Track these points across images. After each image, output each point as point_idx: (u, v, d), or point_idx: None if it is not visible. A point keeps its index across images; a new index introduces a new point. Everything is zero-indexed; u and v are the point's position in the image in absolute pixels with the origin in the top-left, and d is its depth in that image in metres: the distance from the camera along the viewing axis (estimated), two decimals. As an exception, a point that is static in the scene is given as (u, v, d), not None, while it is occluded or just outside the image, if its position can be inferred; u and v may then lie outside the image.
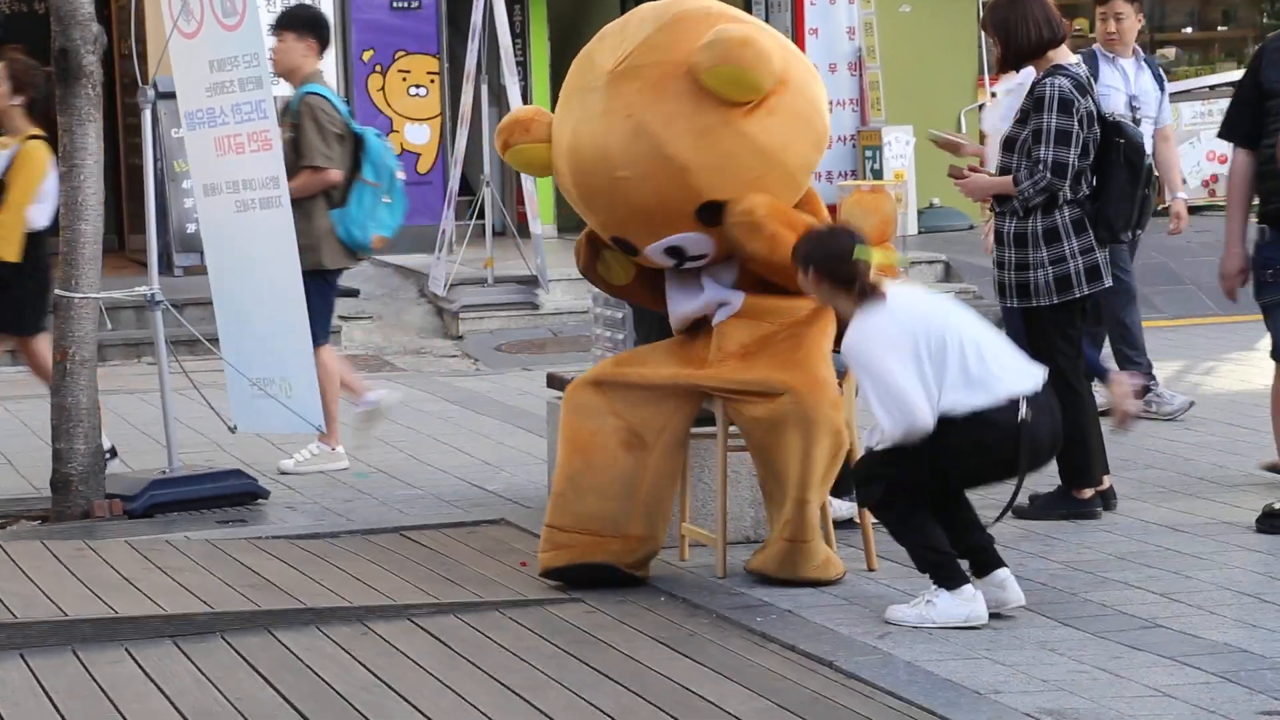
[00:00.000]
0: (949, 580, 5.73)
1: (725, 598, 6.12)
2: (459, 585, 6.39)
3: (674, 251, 6.30)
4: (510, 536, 7.10)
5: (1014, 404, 5.66)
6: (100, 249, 7.76)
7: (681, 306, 6.44)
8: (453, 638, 5.84)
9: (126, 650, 5.76)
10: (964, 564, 5.80)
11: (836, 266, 5.79)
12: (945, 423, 5.65)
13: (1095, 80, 8.43)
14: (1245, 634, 5.58)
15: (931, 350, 5.66)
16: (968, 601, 5.71)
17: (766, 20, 11.44)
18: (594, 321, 7.74)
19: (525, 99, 15.15)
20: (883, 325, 5.71)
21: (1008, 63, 7.08)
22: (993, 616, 5.77)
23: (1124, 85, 8.98)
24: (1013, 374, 5.72)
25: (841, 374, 6.33)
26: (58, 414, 7.61)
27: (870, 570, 6.35)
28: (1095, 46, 9.17)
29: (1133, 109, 8.87)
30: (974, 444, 5.69)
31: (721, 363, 6.27)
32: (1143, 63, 9.16)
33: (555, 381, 7.64)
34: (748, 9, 14.93)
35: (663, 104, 6.16)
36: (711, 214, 6.19)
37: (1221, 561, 6.41)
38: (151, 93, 7.93)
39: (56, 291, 7.72)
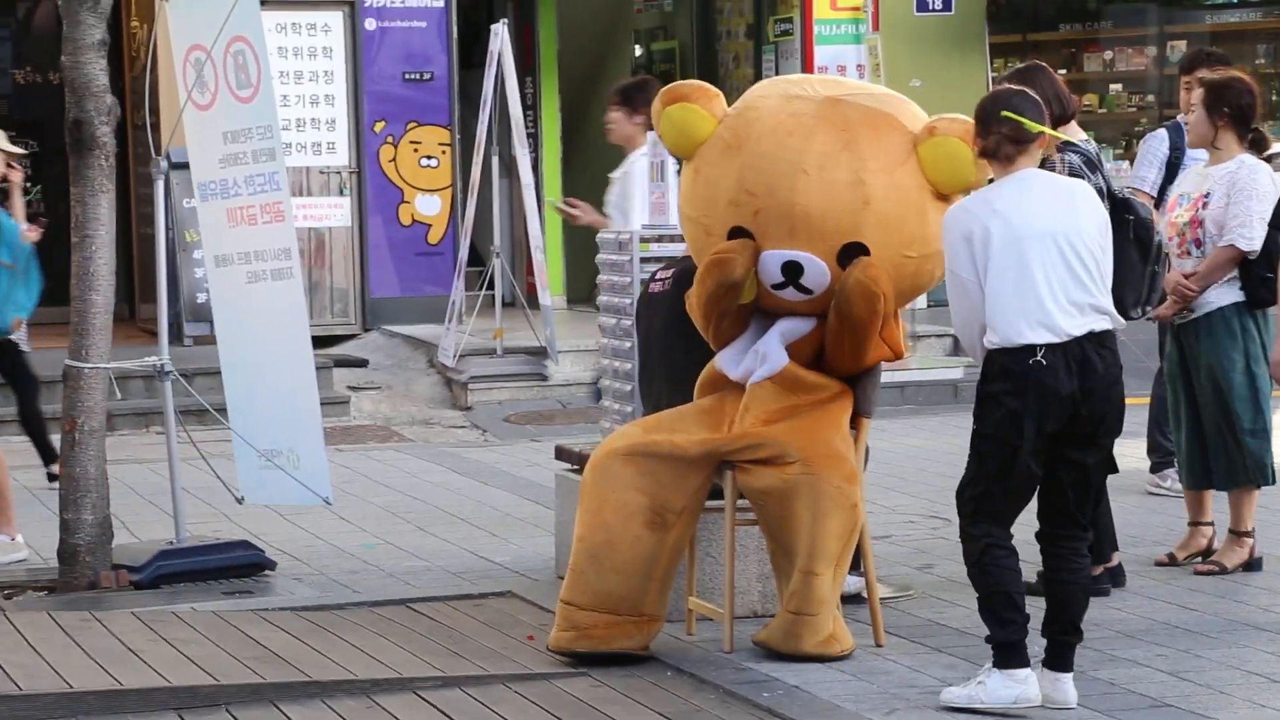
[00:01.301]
0: (1005, 659, 5.62)
1: (732, 672, 6.10)
2: (465, 659, 6.38)
3: (790, 268, 6.24)
4: (517, 609, 7.08)
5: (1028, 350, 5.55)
6: (110, 319, 7.78)
7: (728, 363, 6.38)
8: (458, 712, 5.82)
9: (131, 722, 5.75)
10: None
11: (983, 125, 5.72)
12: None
13: (1183, 153, 8.51)
14: (1253, 713, 5.55)
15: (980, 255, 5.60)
16: (1019, 683, 5.61)
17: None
18: (603, 394, 7.75)
19: (536, 170, 15.21)
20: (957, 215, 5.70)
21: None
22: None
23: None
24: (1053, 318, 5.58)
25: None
26: (66, 484, 7.62)
27: (878, 646, 6.33)
28: (1180, 118, 9.09)
29: None
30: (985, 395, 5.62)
31: (744, 425, 6.26)
32: None
33: (564, 454, 7.64)
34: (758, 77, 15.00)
35: (879, 139, 6.26)
36: (847, 259, 6.21)
37: (1230, 640, 6.39)
38: (164, 164, 7.97)
39: (67, 361, 7.74)
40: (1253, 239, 7.29)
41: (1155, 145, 8.71)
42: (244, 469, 8.12)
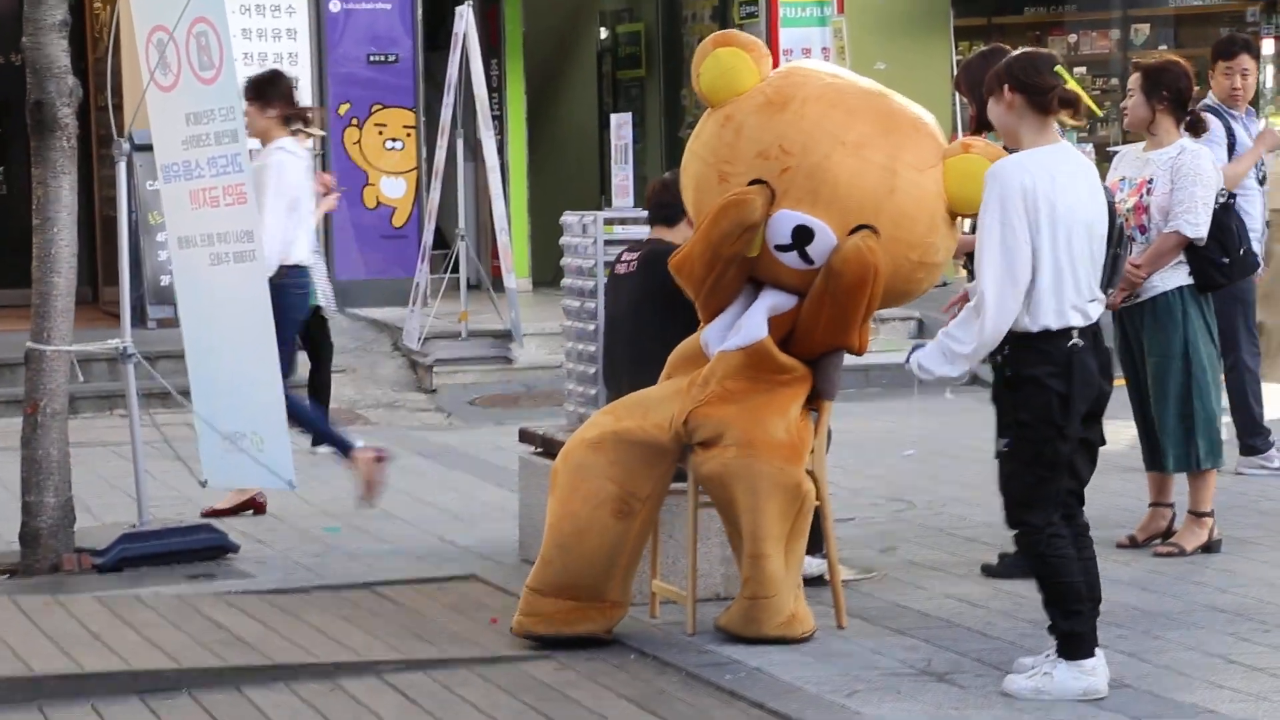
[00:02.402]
0: (1073, 650, 5.54)
1: (695, 655, 6.12)
2: (429, 642, 6.38)
3: (801, 233, 6.20)
4: (481, 593, 7.09)
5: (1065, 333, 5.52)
6: (73, 301, 7.75)
7: (713, 338, 6.37)
8: (422, 695, 5.82)
9: (93, 707, 5.73)
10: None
11: (1034, 78, 5.62)
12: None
13: (1232, 136, 8.53)
14: (1211, 694, 5.59)
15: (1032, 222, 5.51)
16: (1087, 674, 5.54)
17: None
18: (567, 376, 7.75)
19: (501, 153, 15.20)
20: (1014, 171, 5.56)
21: (983, 123, 7.13)
22: (957, 673, 5.77)
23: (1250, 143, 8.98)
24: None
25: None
26: (28, 467, 7.59)
27: (840, 628, 6.35)
28: (1215, 103, 9.04)
29: (1258, 167, 8.93)
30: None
31: (704, 389, 6.26)
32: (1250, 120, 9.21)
33: (531, 437, 7.64)
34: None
35: (917, 139, 6.32)
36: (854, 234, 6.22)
37: (1189, 622, 6.42)
38: (127, 145, 7.94)
39: (28, 344, 7.71)
40: (1198, 225, 7.32)
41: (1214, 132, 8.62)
42: (207, 451, 8.10)
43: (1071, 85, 5.68)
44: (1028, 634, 6.26)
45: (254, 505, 8.75)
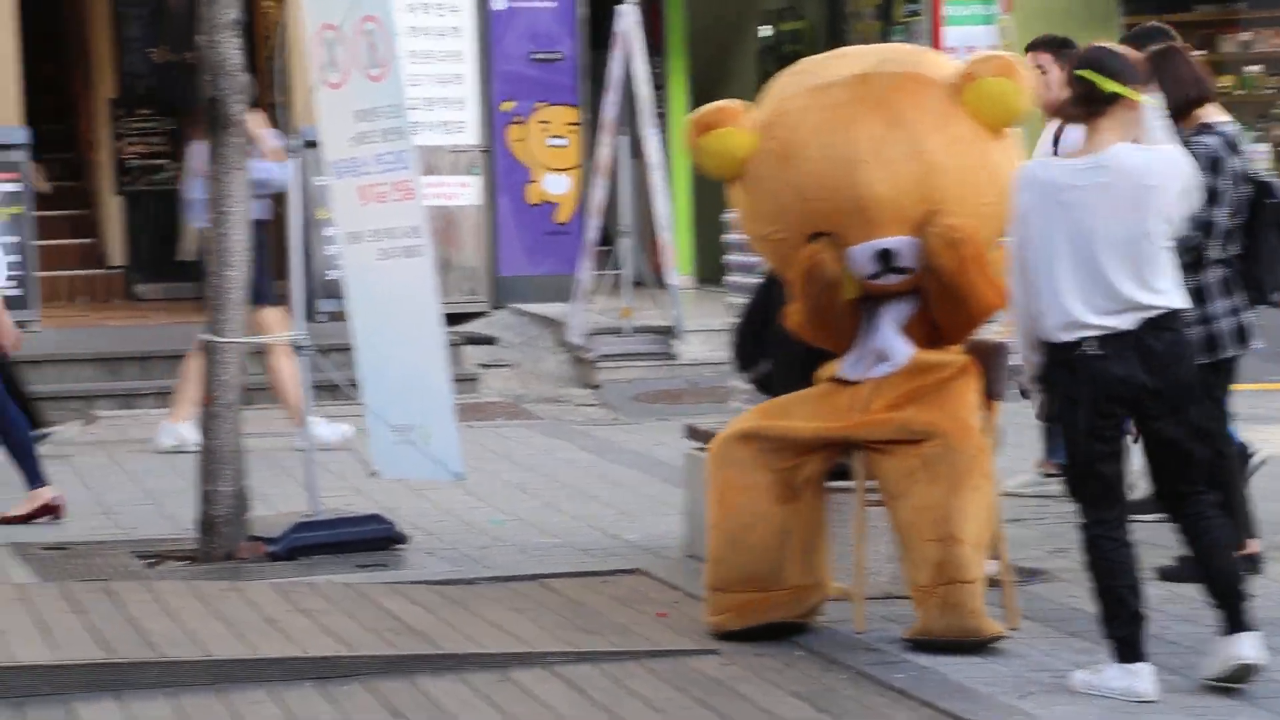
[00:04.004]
0: (1119, 653, 5.59)
1: (863, 653, 6.08)
2: (596, 634, 6.41)
3: (882, 256, 6.20)
4: (647, 587, 7.10)
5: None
6: (246, 295, 7.88)
7: (849, 369, 6.35)
8: (591, 687, 5.85)
9: (270, 691, 5.82)
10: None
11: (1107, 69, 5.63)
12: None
13: None
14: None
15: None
16: (1130, 676, 5.56)
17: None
18: (731, 373, 7.74)
19: (665, 151, 15.20)
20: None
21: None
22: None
23: None
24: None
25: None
26: (204, 457, 7.73)
27: (1013, 629, 6.28)
28: None
29: None
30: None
31: (868, 415, 6.23)
32: None
33: (696, 433, 7.65)
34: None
35: (919, 103, 6.21)
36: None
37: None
38: (297, 142, 8.05)
39: (203, 336, 7.85)
40: None
41: None
42: (377, 443, 8.19)
43: (1111, 87, 5.58)
44: (1205, 638, 6.16)
45: (50, 510, 8.48)
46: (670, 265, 13.18)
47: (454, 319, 13.27)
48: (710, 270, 15.23)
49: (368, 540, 7.86)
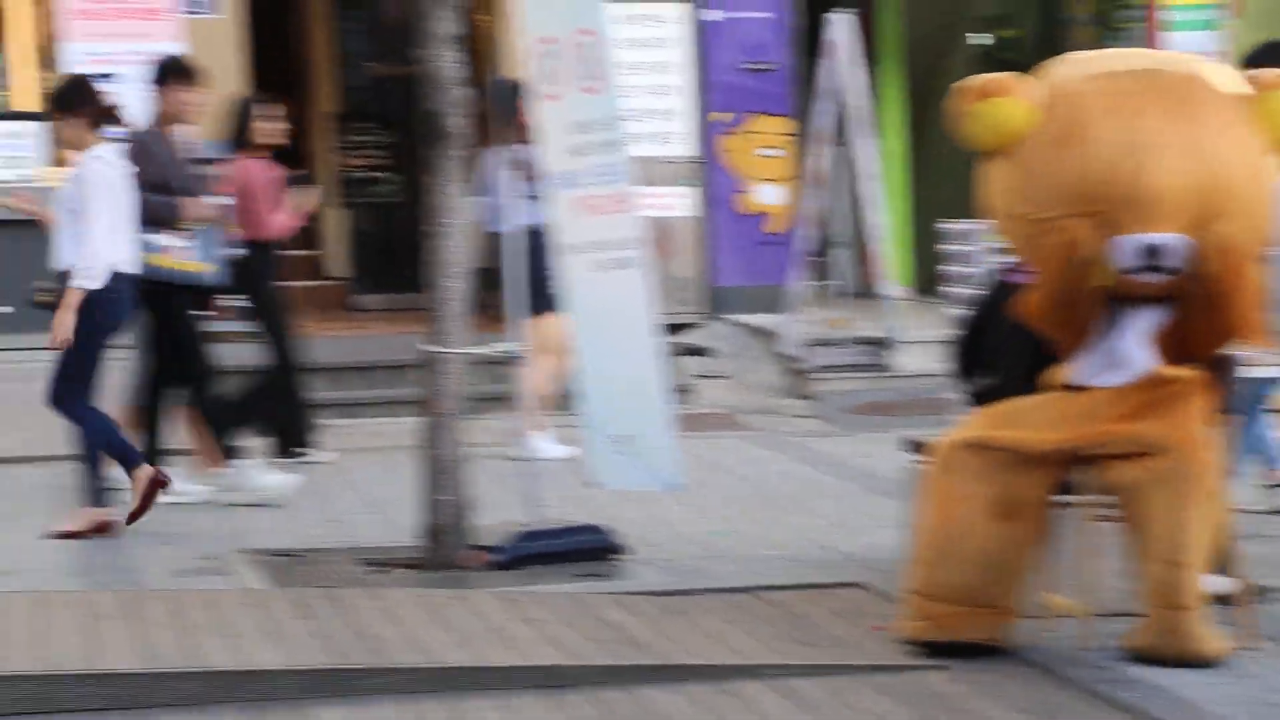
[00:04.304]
0: None
1: (1091, 670, 5.98)
2: (815, 647, 6.37)
3: (1150, 252, 6.07)
4: (866, 600, 7.04)
5: None
6: (466, 306, 7.97)
7: (1084, 373, 6.25)
8: (813, 701, 5.81)
9: (495, 699, 5.86)
10: None
11: None
12: None
13: None
14: None
15: None
16: None
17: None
18: (949, 385, 7.65)
19: (880, 161, 15.12)
20: None
21: None
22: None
23: None
24: None
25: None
26: (428, 466, 7.83)
27: (1250, 649, 6.12)
28: None
29: None
30: None
31: (1100, 425, 6.12)
32: None
33: (914, 446, 7.57)
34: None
35: (1209, 105, 6.12)
36: (1202, 229, 6.06)
37: None
38: (514, 154, 8.13)
39: (424, 347, 7.95)
40: None
41: None
42: (594, 453, 8.23)
43: None
44: None
45: (104, 527, 8.50)
46: (883, 276, 13.10)
47: (668, 329, 13.32)
48: (928, 281, 15.12)
49: (587, 550, 7.90)
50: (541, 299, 9.14)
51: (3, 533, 8.46)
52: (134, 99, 9.43)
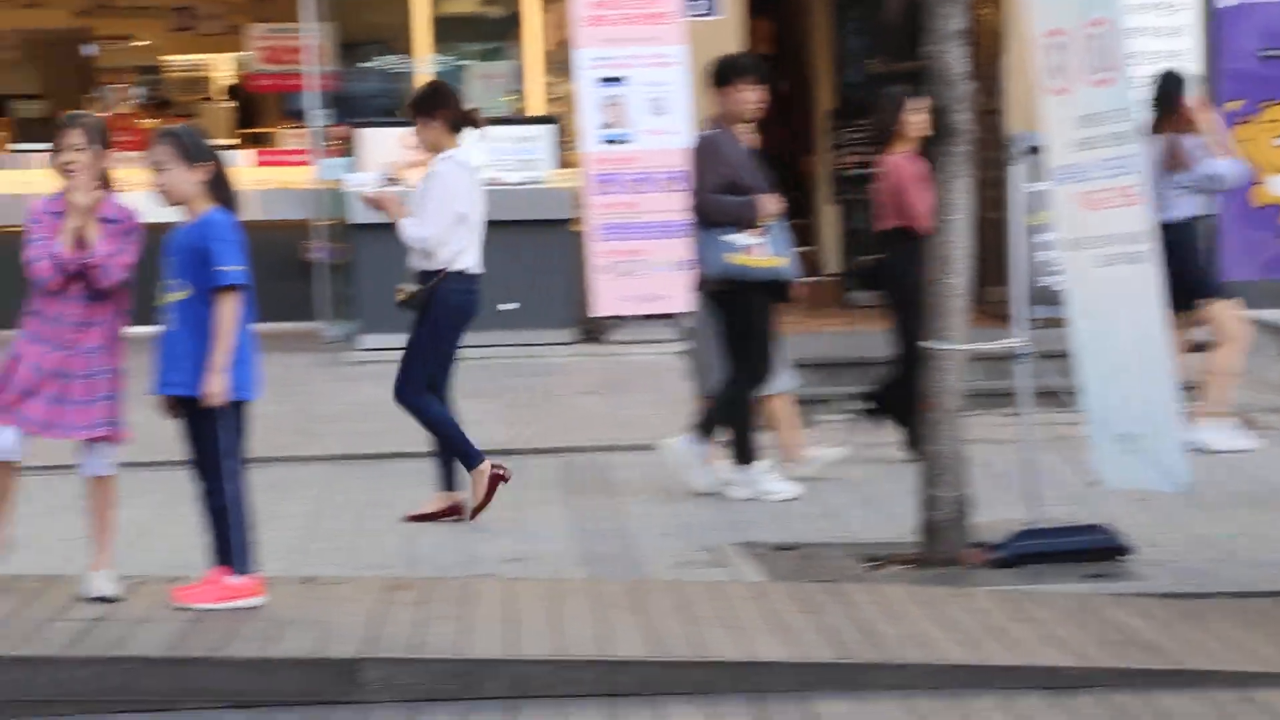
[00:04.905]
0: None
1: None
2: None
3: None
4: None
5: None
6: (967, 302, 7.90)
7: None
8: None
9: (998, 699, 5.78)
10: None
11: None
12: None
13: None
14: None
15: None
16: None
17: None
18: None
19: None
20: None
21: None
22: None
23: None
24: None
25: None
26: (927, 462, 7.79)
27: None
28: None
29: None
30: None
31: None
32: None
33: None
34: None
35: None
36: None
37: None
38: (1023, 147, 8.02)
39: (924, 344, 7.91)
40: None
41: None
42: (1100, 452, 8.03)
43: None
44: None
45: (455, 510, 8.63)
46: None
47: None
48: None
49: (1090, 550, 7.72)
50: (1203, 288, 9.50)
51: (515, 522, 8.77)
52: (639, 101, 9.62)
